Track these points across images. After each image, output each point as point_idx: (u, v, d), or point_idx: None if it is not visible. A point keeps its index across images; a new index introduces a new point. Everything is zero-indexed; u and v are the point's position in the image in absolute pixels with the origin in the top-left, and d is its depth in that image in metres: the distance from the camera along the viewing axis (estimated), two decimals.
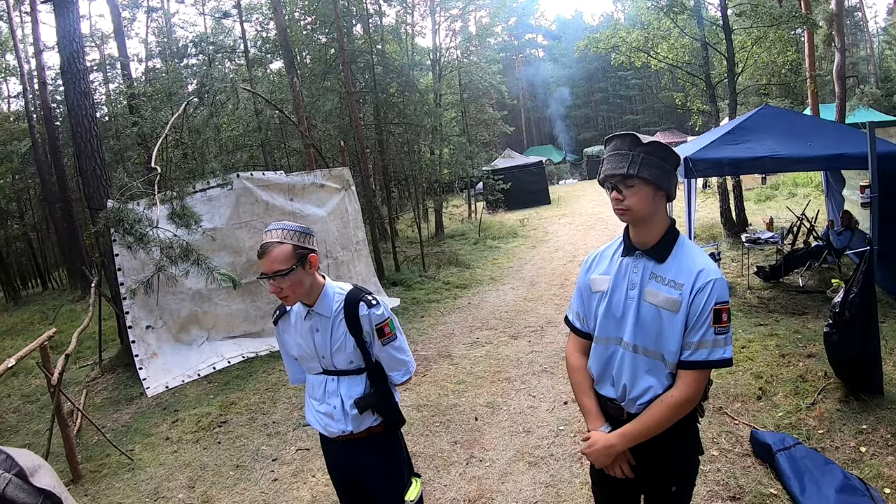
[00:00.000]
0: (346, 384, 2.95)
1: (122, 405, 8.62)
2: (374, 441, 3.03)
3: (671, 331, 2.42)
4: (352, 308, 2.89)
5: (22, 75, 27.02)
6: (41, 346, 6.56)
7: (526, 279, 13.04)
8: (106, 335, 10.93)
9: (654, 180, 2.37)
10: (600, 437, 2.59)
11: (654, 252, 2.50)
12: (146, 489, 5.97)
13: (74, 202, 24.12)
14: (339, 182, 11.61)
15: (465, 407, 6.63)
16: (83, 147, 9.85)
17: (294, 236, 2.78)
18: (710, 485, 4.30)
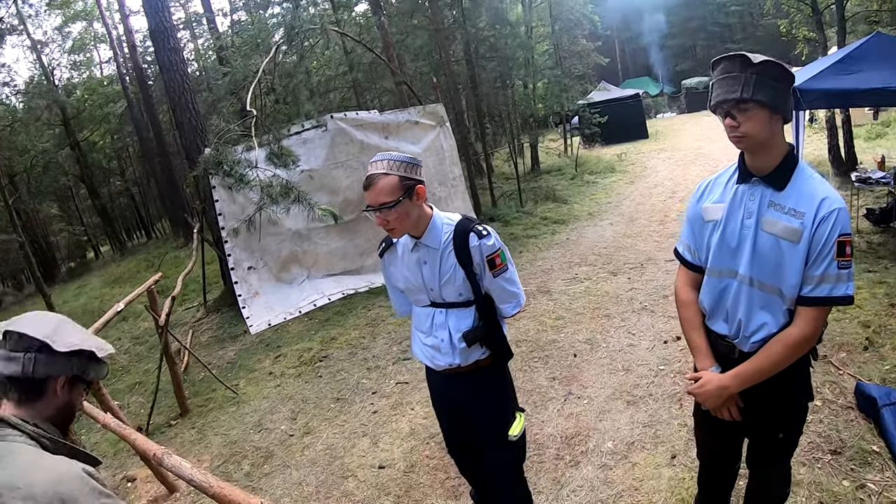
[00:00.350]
0: (455, 317, 2.86)
1: (226, 343, 8.89)
2: (481, 374, 2.94)
3: (791, 263, 2.25)
4: (461, 239, 2.76)
5: (111, 41, 28.05)
6: (148, 290, 6.76)
7: (625, 215, 12.68)
8: (209, 278, 11.26)
9: (769, 102, 2.16)
10: (712, 377, 2.47)
11: (772, 179, 2.30)
12: (250, 421, 6.14)
13: (172, 155, 24.91)
14: (434, 119, 11.45)
15: (563, 343, 6.47)
16: (177, 101, 10.09)
17: (401, 167, 2.65)
18: (812, 436, 4.03)
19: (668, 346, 5.86)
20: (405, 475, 4.52)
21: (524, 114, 20.81)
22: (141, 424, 6.52)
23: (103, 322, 5.54)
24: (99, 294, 17.68)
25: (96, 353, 1.74)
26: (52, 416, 1.70)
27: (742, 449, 2.84)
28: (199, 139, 9.91)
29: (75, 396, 1.76)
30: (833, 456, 3.82)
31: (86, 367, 1.73)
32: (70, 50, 32.82)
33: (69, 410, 1.76)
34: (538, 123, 23.94)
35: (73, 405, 1.77)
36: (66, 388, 1.71)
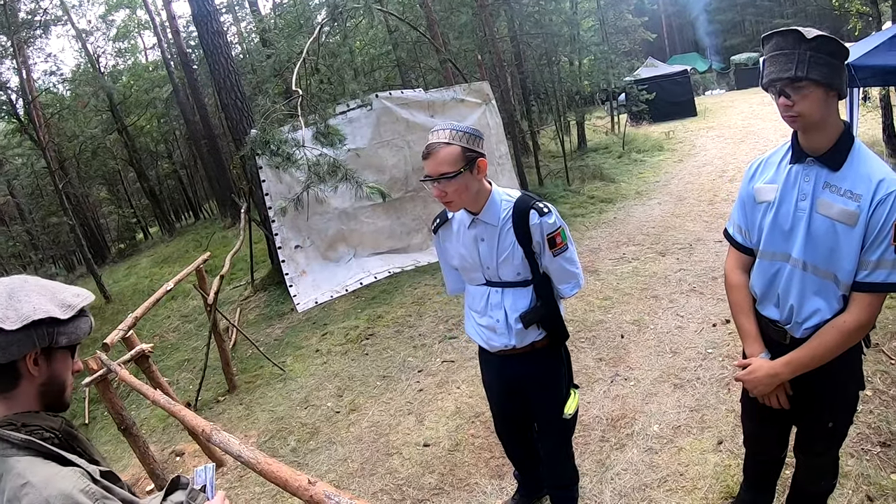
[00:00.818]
0: (511, 296, 2.79)
1: (273, 321, 9.00)
2: (538, 355, 2.89)
3: (847, 247, 2.16)
4: (522, 216, 2.68)
5: (154, 27, 28.51)
6: (197, 270, 6.87)
7: (673, 194, 12.47)
8: (257, 257, 11.39)
9: (825, 80, 2.07)
10: (762, 364, 2.42)
11: (827, 159, 2.21)
12: (297, 397, 6.23)
13: (218, 137, 25.20)
14: (479, 96, 11.39)
15: (610, 323, 6.41)
16: (223, 83, 10.19)
17: (463, 137, 2.57)
18: (861, 426, 3.89)
19: (717, 330, 5.75)
20: (450, 453, 4.53)
21: (570, 91, 20.59)
22: (189, 400, 6.66)
23: (153, 301, 5.67)
24: (148, 274, 17.99)
25: (58, 316, 1.51)
26: (39, 397, 1.56)
27: (790, 437, 2.79)
28: (244, 121, 10.00)
29: (58, 367, 1.58)
30: (882, 448, 3.70)
31: (52, 334, 1.51)
32: (114, 38, 33.37)
33: (56, 385, 1.59)
34: (584, 101, 23.69)
35: (59, 377, 1.59)
36: (40, 364, 1.53)
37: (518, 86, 20.25)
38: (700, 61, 49.14)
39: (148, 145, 33.88)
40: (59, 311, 1.51)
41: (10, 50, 17.15)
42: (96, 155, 29.75)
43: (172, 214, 36.92)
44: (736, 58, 42.14)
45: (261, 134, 7.66)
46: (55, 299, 1.53)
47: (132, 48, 35.29)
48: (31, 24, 18.66)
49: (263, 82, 17.08)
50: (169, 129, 34.84)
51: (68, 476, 1.41)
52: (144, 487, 5.01)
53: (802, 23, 51.94)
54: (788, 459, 2.90)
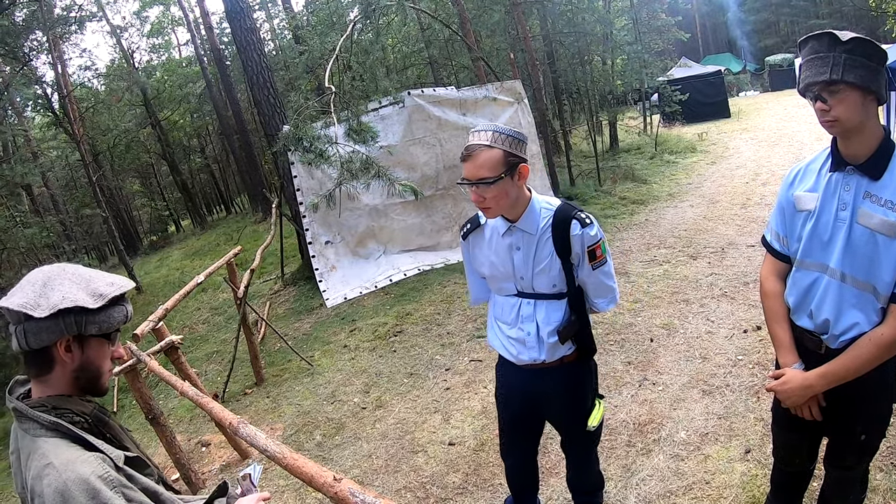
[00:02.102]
0: (545, 309, 2.68)
1: (302, 315, 9.07)
2: (566, 369, 2.78)
3: (886, 258, 2.11)
4: (562, 226, 2.57)
5: (188, 24, 28.96)
6: (228, 263, 6.94)
7: (705, 196, 12.36)
8: (287, 252, 11.48)
9: (861, 83, 2.02)
10: (796, 375, 2.38)
11: (867, 167, 2.16)
12: (324, 392, 6.27)
13: (251, 132, 25.42)
14: (512, 95, 11.37)
15: (640, 327, 6.36)
16: (255, 79, 10.28)
17: (506, 141, 2.45)
18: (891, 440, 3.77)
19: (748, 336, 5.68)
20: (475, 453, 4.53)
21: (602, 90, 20.46)
22: (217, 392, 6.73)
23: (184, 293, 5.74)
24: (179, 266, 18.22)
25: (88, 305, 1.52)
26: (73, 382, 1.59)
27: (819, 449, 2.74)
28: (277, 116, 10.08)
29: (92, 354, 1.60)
30: None
31: (80, 322, 1.52)
32: (148, 34, 33.89)
33: (90, 371, 1.61)
34: (617, 100, 23.54)
35: (92, 363, 1.60)
36: (73, 351, 1.55)
37: (550, 85, 20.17)
38: (734, 62, 48.62)
39: (181, 140, 34.33)
40: (89, 300, 1.53)
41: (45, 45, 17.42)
42: (130, 148, 30.23)
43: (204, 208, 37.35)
44: (770, 59, 41.65)
45: (293, 130, 7.70)
46: (88, 288, 1.55)
47: (166, 44, 35.80)
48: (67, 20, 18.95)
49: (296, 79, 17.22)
50: (202, 123, 35.27)
51: (89, 461, 1.44)
52: (170, 476, 5.07)
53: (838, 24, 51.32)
54: (817, 471, 2.86)
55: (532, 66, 15.32)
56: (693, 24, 54.72)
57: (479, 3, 15.93)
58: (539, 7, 16.89)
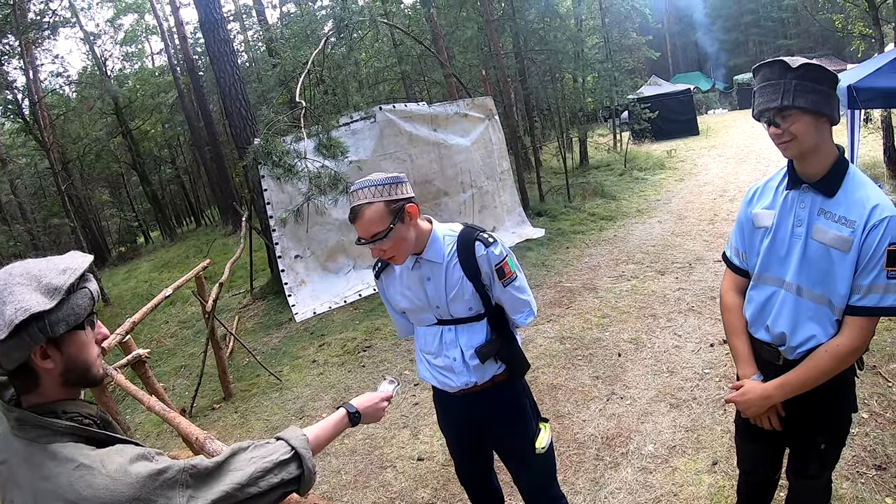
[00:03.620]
0: (466, 333, 2.68)
1: (271, 330, 9.03)
2: (499, 390, 2.76)
3: (840, 272, 2.20)
4: (467, 249, 2.58)
5: (162, 33, 28.88)
6: (196, 276, 6.90)
7: (674, 213, 12.53)
8: (256, 265, 11.44)
9: (812, 108, 2.12)
10: (755, 386, 2.44)
11: (822, 185, 2.25)
12: (292, 407, 6.25)
13: (222, 144, 25.35)
14: (483, 111, 11.46)
15: (608, 342, 6.43)
16: (228, 91, 10.25)
17: (383, 190, 2.43)
18: (856, 449, 3.92)
19: (715, 350, 5.77)
20: (443, 468, 4.53)
21: (573, 108, 20.68)
22: (185, 407, 6.67)
23: (151, 306, 5.68)
24: (148, 278, 18.03)
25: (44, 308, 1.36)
26: (65, 384, 1.47)
27: (783, 459, 2.80)
28: (248, 129, 10.05)
29: (74, 350, 1.46)
30: (878, 471, 3.72)
31: (44, 328, 1.37)
32: (122, 41, 33.70)
33: (78, 367, 1.47)
34: (587, 118, 23.77)
35: (76, 359, 1.47)
36: (51, 355, 1.41)
37: (521, 101, 20.32)
38: (703, 80, 49.28)
39: (152, 150, 34.12)
40: (45, 300, 1.38)
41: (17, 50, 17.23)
42: (100, 157, 29.94)
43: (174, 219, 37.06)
44: (739, 77, 42.36)
45: (263, 144, 7.70)
46: (40, 286, 1.40)
47: (139, 52, 35.63)
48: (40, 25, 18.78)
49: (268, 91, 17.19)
50: (173, 134, 35.09)
51: (120, 450, 1.39)
52: None
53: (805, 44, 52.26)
54: (782, 482, 2.91)
55: (504, 82, 15.45)
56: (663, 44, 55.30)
57: (452, 20, 16.04)
58: (511, 24, 17.03)
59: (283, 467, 1.62)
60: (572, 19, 21.45)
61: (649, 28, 31.31)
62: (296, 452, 1.67)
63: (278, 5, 28.25)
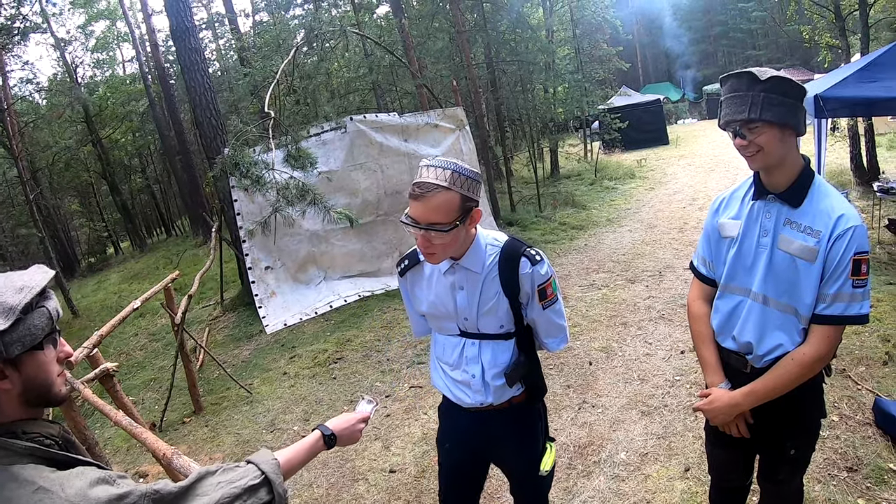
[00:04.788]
0: (491, 350, 2.47)
1: (242, 342, 8.96)
2: (515, 411, 2.58)
3: (806, 281, 2.23)
4: (511, 264, 2.37)
5: (134, 40, 28.58)
6: (165, 288, 6.82)
7: (644, 222, 12.66)
8: (226, 277, 11.33)
9: (779, 121, 2.15)
10: (723, 394, 2.47)
11: (787, 196, 2.29)
12: (263, 421, 6.18)
13: (193, 154, 25.16)
14: (454, 122, 11.47)
15: (579, 350, 6.46)
16: (198, 100, 10.19)
17: (465, 183, 2.19)
18: (828, 452, 4.01)
19: (685, 357, 5.83)
20: (416, 480, 4.52)
21: (544, 118, 20.81)
22: (155, 421, 6.58)
23: (119, 319, 5.60)
24: (117, 290, 17.83)
25: None
26: (24, 404, 1.41)
27: (754, 464, 2.81)
28: (218, 139, 9.99)
29: (32, 370, 1.39)
30: (849, 473, 3.79)
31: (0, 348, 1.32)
32: (93, 48, 33.28)
33: (37, 387, 1.41)
34: (558, 128, 23.95)
35: (35, 379, 1.40)
36: (9, 376, 1.35)
37: (493, 112, 20.40)
38: (673, 91, 49.76)
39: (122, 159, 33.71)
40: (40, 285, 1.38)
41: None
42: (69, 166, 29.58)
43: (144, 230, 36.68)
44: (708, 88, 42.88)
45: (232, 155, 7.65)
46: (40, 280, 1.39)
47: (110, 60, 35.17)
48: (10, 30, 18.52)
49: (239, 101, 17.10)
50: (144, 143, 34.73)
51: (81, 473, 1.33)
52: None
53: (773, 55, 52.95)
54: (754, 487, 2.93)
55: (475, 93, 15.49)
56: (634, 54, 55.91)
57: (423, 31, 16.08)
58: (483, 35, 17.10)
59: (253, 493, 1.56)
60: (543, 30, 21.61)
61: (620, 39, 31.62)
62: (266, 477, 1.61)
63: (251, 14, 28.17)
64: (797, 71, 42.51)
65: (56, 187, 30.63)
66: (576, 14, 24.43)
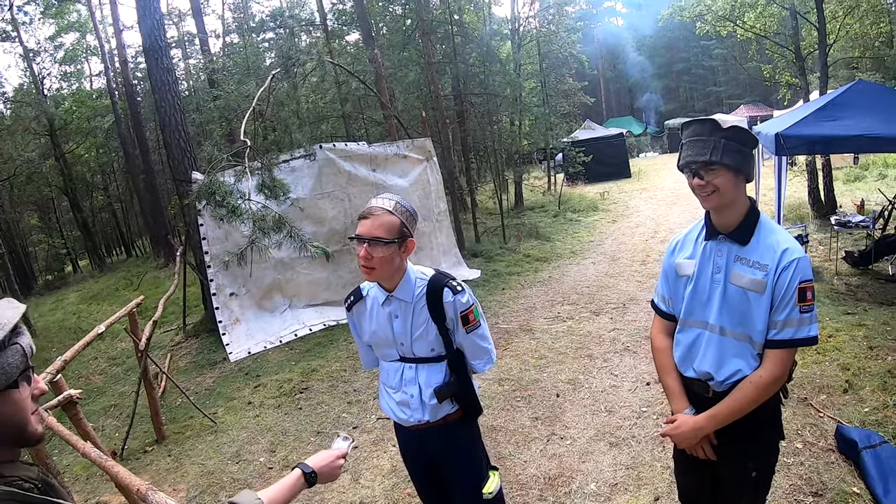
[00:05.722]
0: (426, 372, 2.83)
1: (205, 369, 8.85)
2: (450, 429, 2.91)
3: (758, 311, 2.44)
4: (435, 294, 2.75)
5: (103, 55, 28.17)
6: (129, 313, 6.74)
7: (607, 254, 12.85)
8: (189, 302, 11.19)
9: (735, 166, 2.39)
10: (687, 419, 2.63)
11: (736, 235, 2.51)
12: (228, 451, 6.10)
13: (157, 173, 24.88)
14: (422, 153, 11.57)
15: (546, 383, 6.54)
16: (167, 121, 10.14)
17: (405, 214, 2.66)
18: (793, 478, 4.15)
19: (651, 388, 5.94)
20: None
21: (509, 150, 21.03)
22: (115, 449, 6.45)
23: (84, 344, 5.52)
24: (76, 310, 17.48)
25: None
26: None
27: None
28: (187, 161, 9.95)
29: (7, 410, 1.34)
30: (815, 498, 3.94)
31: None
32: (61, 60, 32.71)
33: (11, 426, 1.35)
34: (523, 160, 24.18)
35: (12, 419, 1.35)
36: None
37: (459, 143, 20.57)
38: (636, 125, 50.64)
39: (85, 175, 33.19)
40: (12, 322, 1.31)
41: None
42: (31, 180, 28.96)
43: (104, 249, 36.01)
44: (670, 122, 43.76)
45: (207, 184, 7.60)
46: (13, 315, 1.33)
47: (78, 73, 34.53)
48: None
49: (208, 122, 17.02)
50: (107, 160, 34.30)
51: None
52: None
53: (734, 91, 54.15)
54: None
55: (443, 124, 15.63)
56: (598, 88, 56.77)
57: (395, 61, 16.18)
58: (452, 67, 17.27)
59: None
60: (511, 64, 21.88)
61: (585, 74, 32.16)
62: None
63: (221, 35, 28.10)
64: (757, 107, 43.50)
65: (16, 201, 30.12)
66: (543, 48, 24.80)
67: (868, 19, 16.17)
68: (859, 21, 16.07)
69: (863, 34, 17.85)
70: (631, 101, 61.72)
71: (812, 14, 13.67)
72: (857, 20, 15.98)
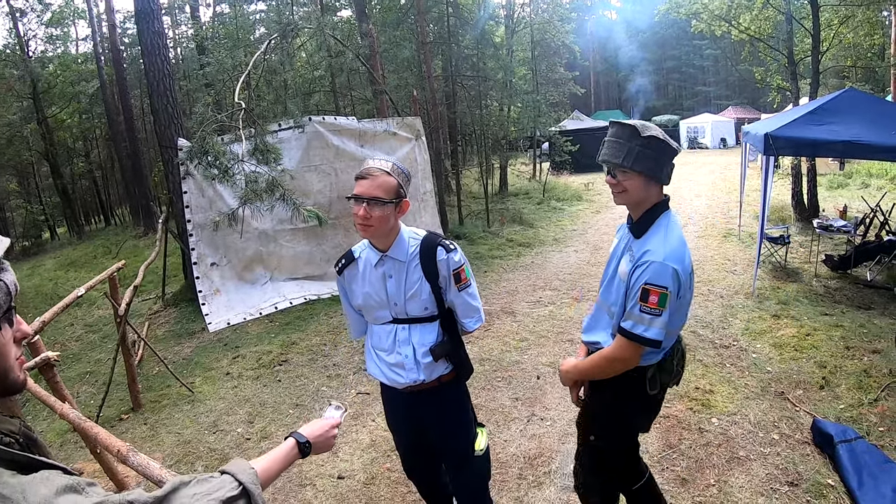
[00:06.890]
0: (419, 332, 2.88)
1: (183, 339, 8.74)
2: (444, 390, 2.99)
3: (619, 297, 2.71)
4: (429, 252, 2.83)
5: (91, 18, 27.63)
6: (110, 278, 6.60)
7: (590, 243, 12.90)
8: (170, 270, 11.07)
9: (646, 172, 2.58)
10: (565, 362, 2.99)
11: (634, 228, 2.75)
12: (205, 421, 6.03)
13: (140, 142, 24.53)
14: (410, 131, 11.48)
15: (527, 365, 6.55)
16: (156, 86, 9.95)
17: (401, 175, 2.74)
18: (770, 468, 4.24)
19: None
20: (365, 487, 4.50)
21: (496, 135, 21.00)
22: (90, 416, 6.32)
23: (63, 306, 5.38)
24: (53, 276, 17.23)
25: None
26: None
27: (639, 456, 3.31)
28: (173, 127, 9.76)
29: None
30: (790, 487, 4.02)
31: None
32: (48, 22, 32.09)
33: None
34: (509, 146, 24.18)
35: None
36: None
37: (446, 125, 20.50)
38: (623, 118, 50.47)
39: (66, 140, 32.61)
40: None
41: None
42: (11, 143, 28.37)
43: (83, 216, 35.52)
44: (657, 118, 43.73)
45: (199, 142, 7.46)
46: None
47: (64, 36, 33.89)
48: None
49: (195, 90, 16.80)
50: (90, 126, 33.83)
51: (45, 479, 1.15)
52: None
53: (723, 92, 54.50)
54: None
55: (433, 104, 15.53)
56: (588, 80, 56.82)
57: (388, 38, 16.05)
58: (446, 48, 17.17)
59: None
60: (504, 49, 21.81)
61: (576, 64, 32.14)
62: (244, 488, 1.48)
63: (212, 4, 27.75)
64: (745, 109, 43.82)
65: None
66: (536, 35, 24.75)
67: (862, 30, 16.36)
68: (853, 31, 16.27)
69: (856, 44, 18.07)
70: (619, 94, 61.97)
71: (807, 20, 13.74)
72: (852, 30, 16.17)
